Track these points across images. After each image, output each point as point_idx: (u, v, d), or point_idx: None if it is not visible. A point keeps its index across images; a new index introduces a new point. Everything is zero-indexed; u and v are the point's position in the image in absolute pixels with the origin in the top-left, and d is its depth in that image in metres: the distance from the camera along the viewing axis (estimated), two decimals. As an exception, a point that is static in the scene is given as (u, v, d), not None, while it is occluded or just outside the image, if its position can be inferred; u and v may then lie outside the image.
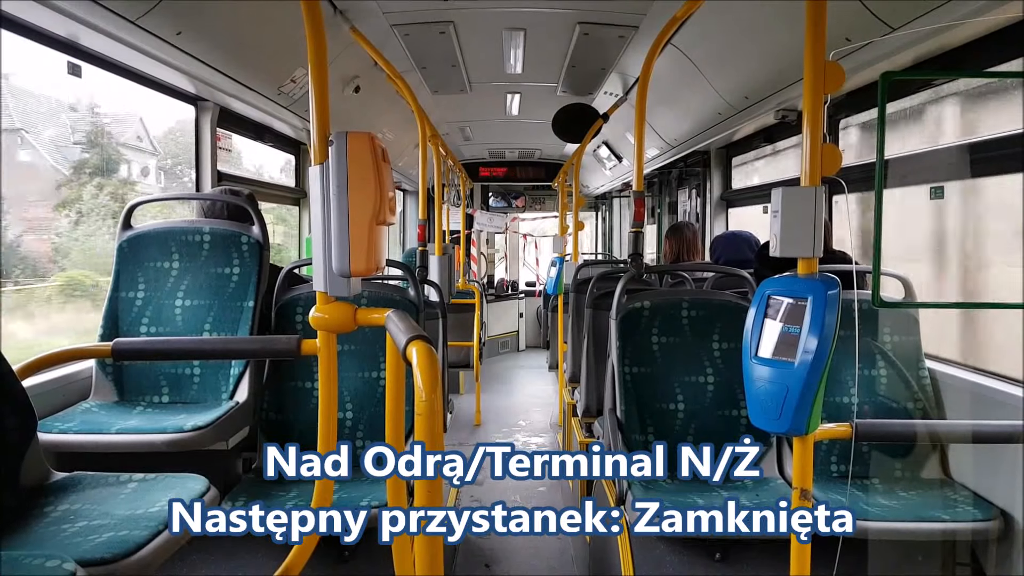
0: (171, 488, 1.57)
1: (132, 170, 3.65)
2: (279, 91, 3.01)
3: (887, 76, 1.47)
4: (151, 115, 3.65)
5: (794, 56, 2.61)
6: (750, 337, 1.54)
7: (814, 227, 1.44)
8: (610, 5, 3.05)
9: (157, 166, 3.79)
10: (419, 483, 1.07)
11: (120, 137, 3.48)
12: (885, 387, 2.32)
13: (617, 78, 4.15)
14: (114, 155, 3.38)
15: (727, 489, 2.18)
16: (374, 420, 2.42)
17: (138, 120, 3.66)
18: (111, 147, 3.36)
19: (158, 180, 3.82)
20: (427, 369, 1.05)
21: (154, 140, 3.72)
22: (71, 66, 2.30)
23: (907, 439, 2.18)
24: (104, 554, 1.27)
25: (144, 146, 3.67)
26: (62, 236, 3.06)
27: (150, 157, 3.72)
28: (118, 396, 2.29)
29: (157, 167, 3.79)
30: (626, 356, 2.43)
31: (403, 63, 3.68)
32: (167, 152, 3.78)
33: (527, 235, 9.79)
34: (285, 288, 2.52)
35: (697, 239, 3.91)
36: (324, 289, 1.56)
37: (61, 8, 1.84)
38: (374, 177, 1.52)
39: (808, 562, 1.46)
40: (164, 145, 3.76)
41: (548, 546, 3.24)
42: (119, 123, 3.49)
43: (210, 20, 2.29)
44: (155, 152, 3.73)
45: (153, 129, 3.70)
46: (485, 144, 7.40)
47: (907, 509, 1.98)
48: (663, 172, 6.07)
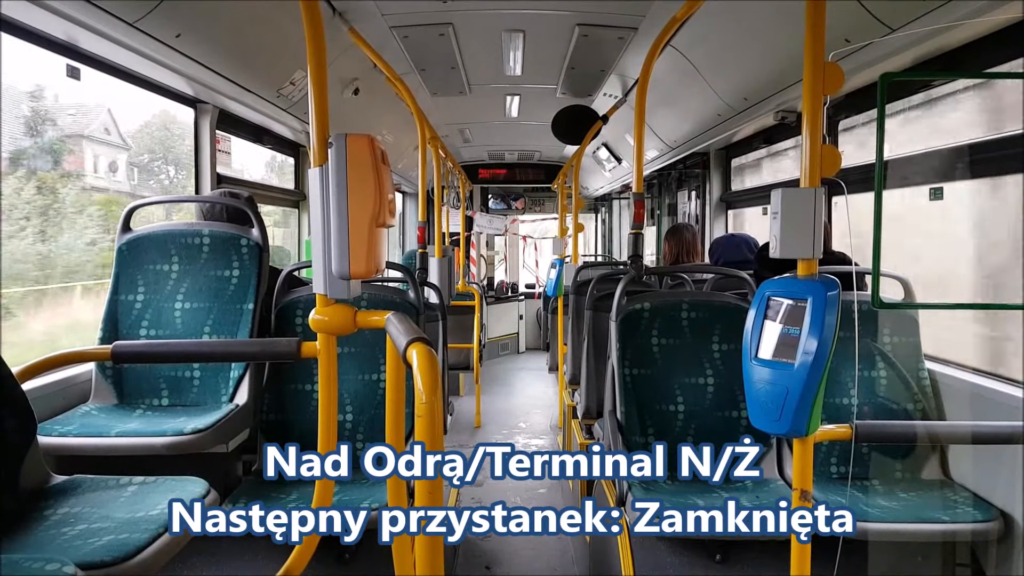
0: (171, 491, 1.56)
1: (99, 165, 3.38)
2: (278, 93, 3.02)
3: (886, 77, 1.47)
4: (125, 107, 3.37)
5: (793, 57, 2.62)
6: (750, 338, 1.54)
7: (814, 228, 1.44)
8: (609, 6, 3.05)
9: (129, 161, 3.57)
10: (419, 483, 1.07)
11: (85, 129, 3.26)
12: (885, 388, 2.32)
13: (616, 80, 4.16)
14: (57, 145, 3.04)
15: (727, 490, 2.18)
16: (374, 422, 2.42)
17: (106, 111, 3.43)
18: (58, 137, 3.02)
19: (130, 177, 3.60)
20: (427, 371, 1.05)
21: (125, 134, 3.49)
22: (70, 69, 2.30)
23: (907, 440, 2.17)
24: (104, 557, 1.27)
25: (112, 139, 3.45)
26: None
27: (120, 151, 3.49)
28: (118, 399, 2.29)
29: (128, 162, 3.57)
30: (626, 358, 2.43)
31: (402, 65, 3.68)
32: (142, 147, 3.59)
33: (527, 237, 9.80)
34: (285, 290, 2.52)
35: (696, 241, 3.91)
36: (324, 291, 1.56)
37: (59, 10, 1.84)
38: (374, 179, 1.52)
39: (808, 563, 1.46)
40: (138, 140, 3.56)
41: (548, 546, 3.24)
42: (84, 114, 3.27)
43: (209, 22, 2.29)
44: (125, 146, 3.51)
45: (128, 123, 3.49)
46: (485, 146, 7.40)
47: (907, 510, 1.98)
48: (663, 174, 6.08)
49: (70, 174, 3.16)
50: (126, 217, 2.42)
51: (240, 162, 3.94)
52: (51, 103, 3.01)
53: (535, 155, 8.03)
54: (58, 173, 3.05)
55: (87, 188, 3.24)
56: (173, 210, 3.31)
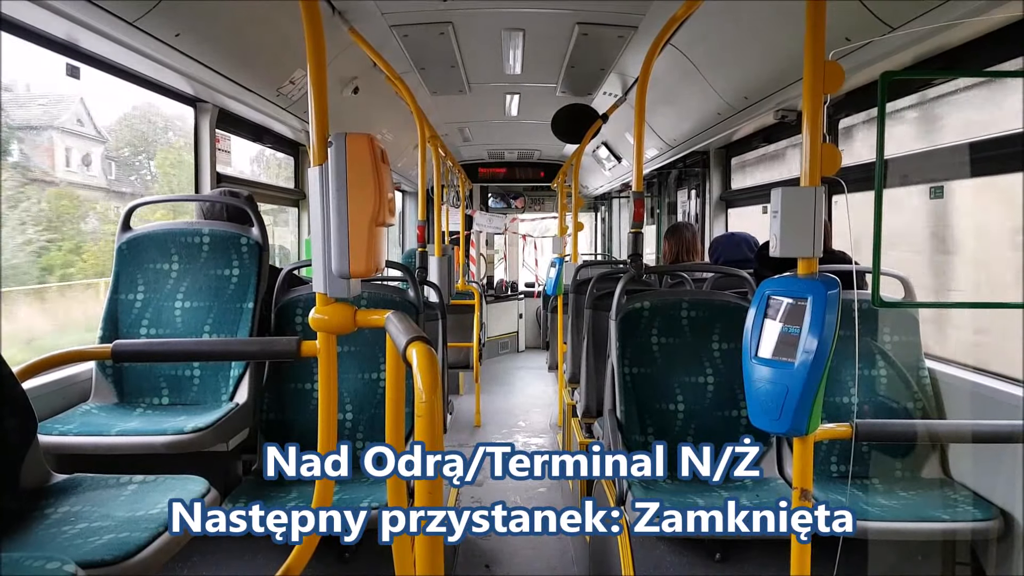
0: (171, 490, 1.56)
1: (71, 158, 3.12)
2: (278, 92, 3.01)
3: (887, 76, 1.47)
4: (103, 98, 3.05)
5: (793, 56, 2.61)
6: (750, 337, 1.54)
7: (814, 227, 1.44)
8: (609, 5, 3.05)
9: (105, 155, 3.34)
10: (419, 483, 1.07)
11: (55, 120, 3.03)
12: (885, 387, 2.32)
13: (616, 78, 4.16)
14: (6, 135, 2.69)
15: (727, 489, 2.18)
16: (374, 421, 2.42)
17: (78, 101, 3.21)
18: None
19: (106, 172, 3.36)
20: (427, 370, 1.05)
21: (104, 127, 3.28)
22: (70, 68, 2.30)
23: (907, 439, 2.17)
24: (104, 556, 1.27)
25: (85, 131, 3.23)
26: None
27: (94, 144, 3.26)
28: (118, 398, 2.29)
29: (105, 156, 3.34)
30: (626, 356, 2.43)
31: (402, 64, 3.68)
32: (121, 140, 3.42)
33: (526, 236, 9.80)
34: (285, 289, 2.52)
35: (696, 239, 3.91)
36: (324, 290, 1.56)
37: (60, 10, 1.84)
38: (373, 178, 1.52)
39: (808, 562, 1.46)
40: (117, 133, 3.38)
41: (548, 545, 3.24)
42: (55, 104, 3.06)
43: (209, 21, 2.29)
44: (100, 139, 3.29)
45: (108, 114, 3.26)
46: (484, 145, 7.40)
47: (907, 509, 1.98)
48: (662, 172, 6.08)
49: (18, 165, 2.88)
50: (126, 216, 2.42)
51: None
52: (22, 92, 2.83)
53: (535, 154, 8.03)
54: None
55: (33, 181, 2.94)
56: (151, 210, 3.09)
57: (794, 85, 2.82)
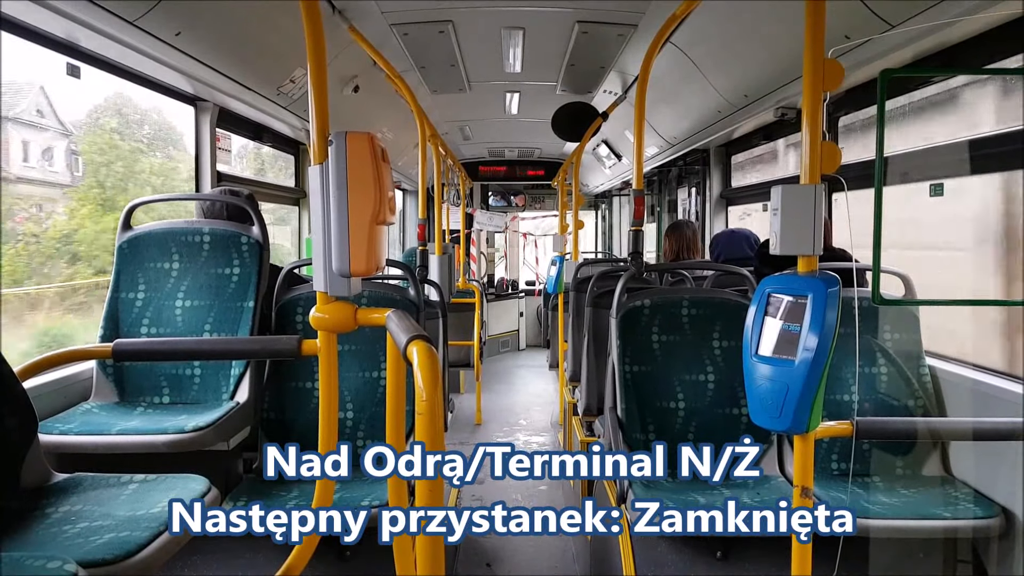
0: (172, 489, 1.57)
1: (29, 152, 2.85)
2: (278, 91, 3.01)
3: (886, 73, 1.47)
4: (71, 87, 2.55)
5: (793, 54, 2.61)
6: (750, 335, 1.53)
7: (814, 225, 1.44)
8: (609, 4, 3.04)
9: (70, 149, 3.07)
10: (420, 483, 1.07)
11: (11, 110, 2.76)
12: (886, 385, 2.32)
13: (616, 77, 4.15)
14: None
15: (728, 488, 2.18)
16: (375, 420, 2.43)
17: (38, 90, 2.91)
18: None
19: (72, 168, 3.06)
20: (427, 369, 1.05)
21: (73, 121, 3.00)
22: (70, 67, 2.29)
23: (908, 437, 2.17)
24: (105, 555, 1.27)
25: (46, 122, 2.94)
26: None
27: (57, 137, 2.98)
28: (119, 397, 2.29)
29: (70, 150, 3.07)
30: (626, 355, 2.43)
31: (402, 63, 3.68)
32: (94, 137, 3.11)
33: (527, 234, 9.80)
34: (285, 288, 2.52)
35: (697, 237, 3.91)
36: (324, 289, 1.56)
37: (60, 9, 1.84)
38: (374, 177, 1.52)
39: (809, 561, 1.46)
40: (89, 128, 3.09)
41: (549, 544, 3.24)
42: (13, 93, 2.80)
43: (209, 20, 2.28)
44: (65, 131, 3.01)
45: (75, 107, 2.94)
46: (485, 143, 7.40)
47: (908, 507, 1.98)
48: (663, 170, 6.07)
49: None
50: (126, 215, 2.42)
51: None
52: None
53: (535, 152, 8.02)
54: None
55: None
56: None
57: (794, 83, 2.82)
